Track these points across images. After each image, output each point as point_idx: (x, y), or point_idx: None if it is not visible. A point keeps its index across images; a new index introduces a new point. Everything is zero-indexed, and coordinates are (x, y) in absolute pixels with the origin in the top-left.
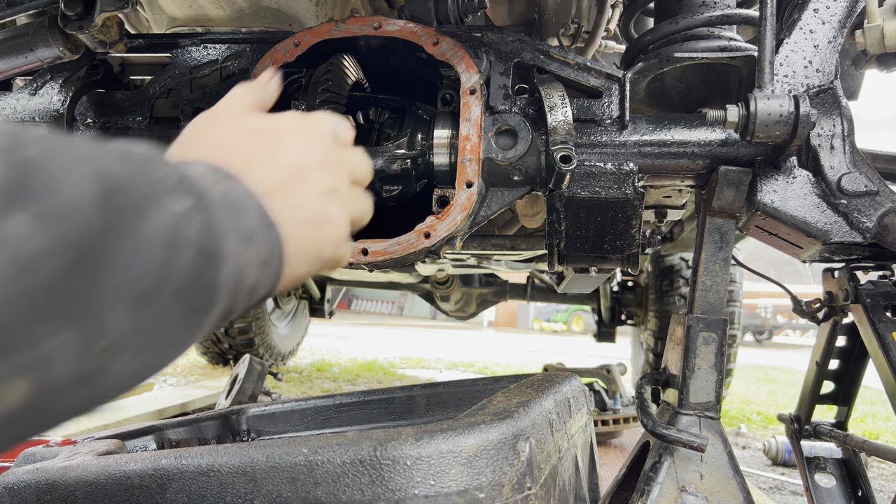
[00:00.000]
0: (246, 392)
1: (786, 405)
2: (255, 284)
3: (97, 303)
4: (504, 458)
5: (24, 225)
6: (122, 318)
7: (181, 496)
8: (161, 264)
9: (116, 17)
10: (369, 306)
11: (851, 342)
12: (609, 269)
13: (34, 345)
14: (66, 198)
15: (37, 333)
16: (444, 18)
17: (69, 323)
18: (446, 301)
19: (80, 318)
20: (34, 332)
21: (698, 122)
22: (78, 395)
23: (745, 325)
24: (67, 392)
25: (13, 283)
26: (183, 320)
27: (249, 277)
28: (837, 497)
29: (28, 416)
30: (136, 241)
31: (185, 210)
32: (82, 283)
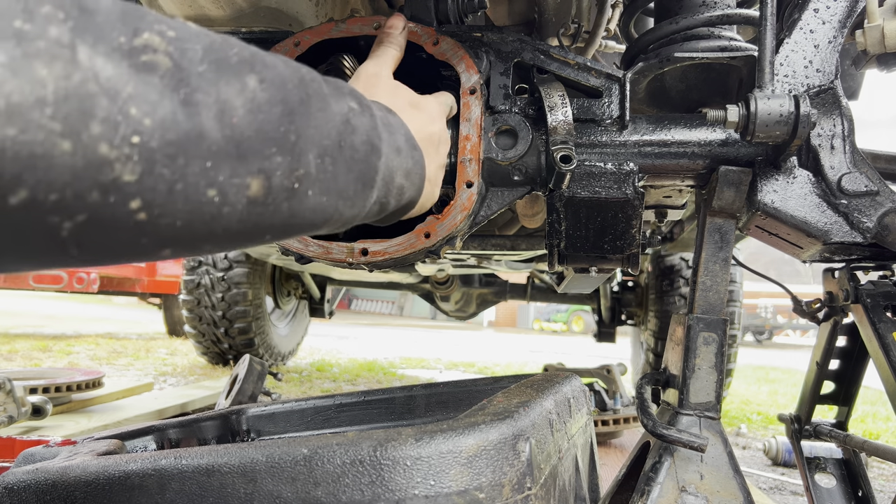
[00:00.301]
0: (246, 392)
1: (786, 405)
2: (401, 186)
3: (296, 144)
4: (504, 458)
5: (254, 82)
6: (311, 160)
7: (181, 496)
8: (338, 134)
9: None
10: (369, 306)
11: (852, 342)
12: (609, 269)
13: (262, 159)
14: (279, 73)
15: (264, 151)
16: (444, 18)
17: (280, 151)
18: (446, 301)
19: (287, 149)
20: (262, 150)
21: (698, 122)
22: (286, 205)
23: (746, 326)
24: (280, 198)
25: (250, 117)
26: (353, 183)
27: (397, 178)
28: (838, 497)
29: (262, 206)
30: (324, 113)
31: (357, 108)
32: (288, 128)
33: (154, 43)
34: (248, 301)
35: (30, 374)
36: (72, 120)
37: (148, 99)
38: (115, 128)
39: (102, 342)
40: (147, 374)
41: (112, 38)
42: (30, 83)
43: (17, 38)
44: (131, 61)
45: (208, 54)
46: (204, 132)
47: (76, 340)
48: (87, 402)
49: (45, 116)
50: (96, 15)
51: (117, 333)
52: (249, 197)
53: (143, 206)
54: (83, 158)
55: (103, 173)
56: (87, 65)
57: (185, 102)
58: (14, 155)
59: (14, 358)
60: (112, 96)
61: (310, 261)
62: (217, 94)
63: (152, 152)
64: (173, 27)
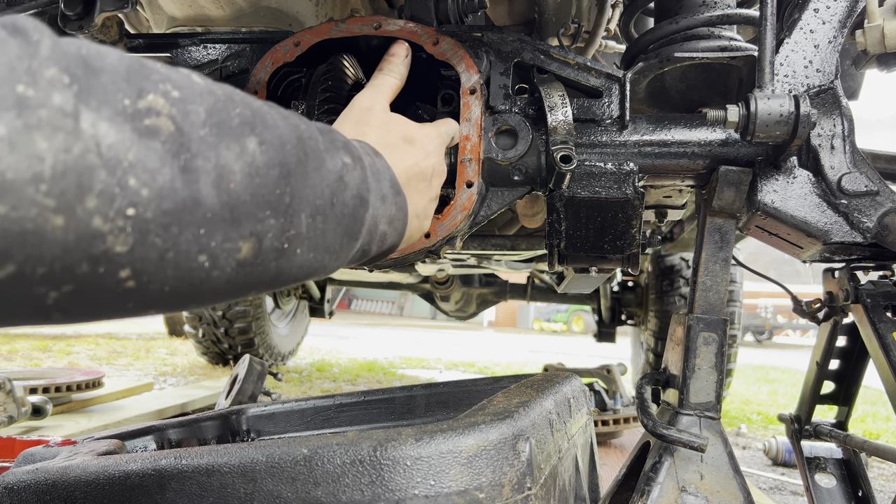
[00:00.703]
0: (246, 392)
1: (786, 405)
2: (384, 233)
3: (291, 205)
4: (504, 458)
5: (253, 145)
6: (303, 220)
7: (181, 496)
8: (331, 192)
9: (116, 16)
10: (369, 306)
11: (852, 342)
12: (609, 269)
13: (255, 222)
14: (279, 133)
15: (258, 215)
16: (444, 18)
17: (273, 213)
18: (446, 301)
19: (280, 211)
20: (256, 213)
21: (698, 122)
22: (274, 264)
23: (746, 326)
24: (269, 259)
25: (247, 181)
26: (339, 237)
27: (381, 226)
28: (838, 497)
29: (251, 268)
30: (318, 172)
31: (349, 163)
32: (283, 190)
33: (158, 105)
34: (248, 301)
35: (30, 374)
36: (68, 195)
37: (147, 167)
38: (112, 201)
39: (102, 342)
40: (147, 374)
41: (116, 101)
42: (27, 158)
43: (18, 106)
44: (134, 125)
45: (211, 116)
46: (200, 199)
47: (76, 340)
48: (87, 402)
49: (39, 193)
50: (101, 74)
51: (117, 333)
52: (239, 260)
53: (132, 275)
54: (75, 232)
55: (94, 246)
56: (89, 133)
57: (184, 169)
58: (3, 232)
59: (14, 358)
60: (111, 168)
61: None
62: (216, 159)
63: (146, 223)
64: (178, 86)
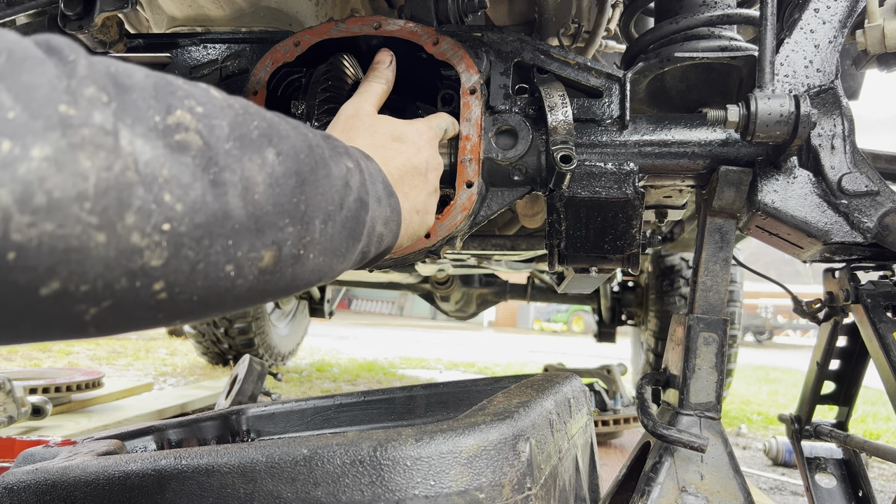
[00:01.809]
0: (246, 392)
1: (786, 405)
2: (381, 234)
3: (306, 213)
4: (504, 458)
5: (272, 156)
6: (317, 226)
7: (181, 496)
8: (340, 196)
9: (116, 16)
10: (369, 306)
11: (852, 342)
12: (609, 269)
13: (276, 230)
14: (293, 144)
15: (278, 223)
16: (444, 18)
17: (291, 221)
18: (446, 301)
19: (297, 219)
20: (277, 222)
21: (699, 122)
22: (290, 271)
23: (746, 326)
24: (287, 266)
25: (269, 191)
26: (346, 241)
27: (378, 227)
28: (838, 497)
29: (270, 275)
30: (328, 179)
31: (352, 167)
32: (300, 198)
33: (186, 121)
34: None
35: (30, 374)
36: (109, 212)
37: (181, 182)
38: (149, 217)
39: (102, 342)
40: (147, 374)
41: (148, 118)
42: (72, 177)
43: (62, 126)
44: (166, 141)
45: (234, 130)
46: (229, 212)
47: (76, 340)
48: (86, 402)
49: (84, 210)
50: (132, 92)
51: None
52: (261, 268)
53: (165, 287)
54: (116, 249)
55: (133, 261)
56: (127, 151)
57: (214, 183)
58: (50, 249)
59: (14, 358)
60: (148, 184)
61: None
62: (242, 171)
63: (180, 237)
64: (201, 101)
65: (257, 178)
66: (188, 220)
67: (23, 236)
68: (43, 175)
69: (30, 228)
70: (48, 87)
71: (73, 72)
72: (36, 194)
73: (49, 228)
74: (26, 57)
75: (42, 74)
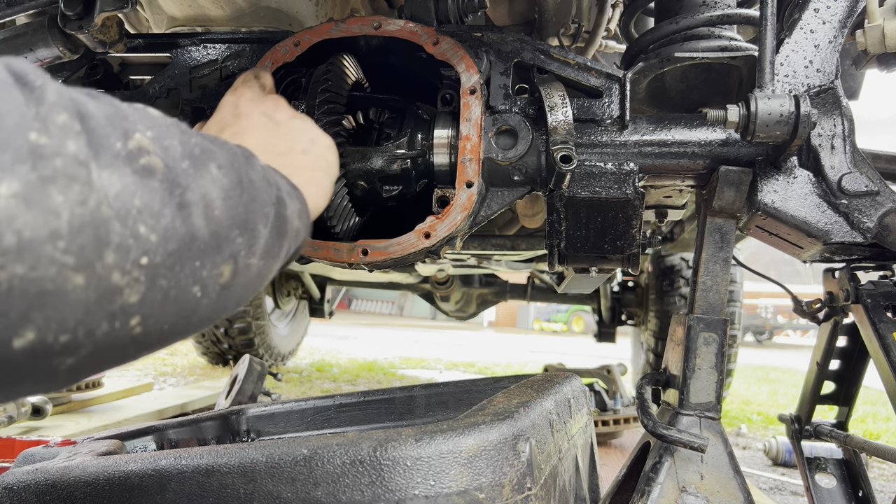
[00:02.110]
0: (246, 392)
1: (786, 405)
2: (298, 229)
3: (248, 220)
4: (504, 458)
5: (215, 169)
6: (260, 230)
7: (181, 496)
8: (269, 197)
9: (116, 16)
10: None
11: (852, 342)
12: (609, 269)
13: (231, 243)
14: (224, 155)
15: (230, 235)
16: (444, 18)
17: (241, 232)
18: (446, 301)
19: (246, 228)
20: (230, 234)
21: (699, 122)
22: (242, 280)
23: (746, 326)
24: (240, 277)
25: (223, 205)
26: (277, 240)
27: (294, 222)
28: (838, 497)
29: (228, 290)
30: (258, 183)
31: (266, 165)
32: (245, 207)
33: (145, 144)
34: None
35: None
36: (87, 251)
37: (153, 210)
38: (128, 252)
39: None
40: (147, 374)
41: (111, 145)
42: (44, 214)
43: (33, 157)
44: (133, 167)
45: (183, 147)
46: (195, 233)
47: None
48: (86, 402)
49: (57, 250)
50: (92, 119)
51: None
52: (221, 284)
53: (140, 321)
54: (96, 291)
55: (113, 302)
56: (99, 184)
57: (180, 206)
58: (22, 293)
59: None
60: (123, 217)
61: (310, 261)
62: (200, 189)
63: (156, 268)
64: (147, 123)
65: (213, 193)
66: (162, 249)
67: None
68: (12, 213)
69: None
70: (17, 115)
71: (42, 98)
72: (4, 234)
73: (20, 271)
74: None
75: (11, 101)
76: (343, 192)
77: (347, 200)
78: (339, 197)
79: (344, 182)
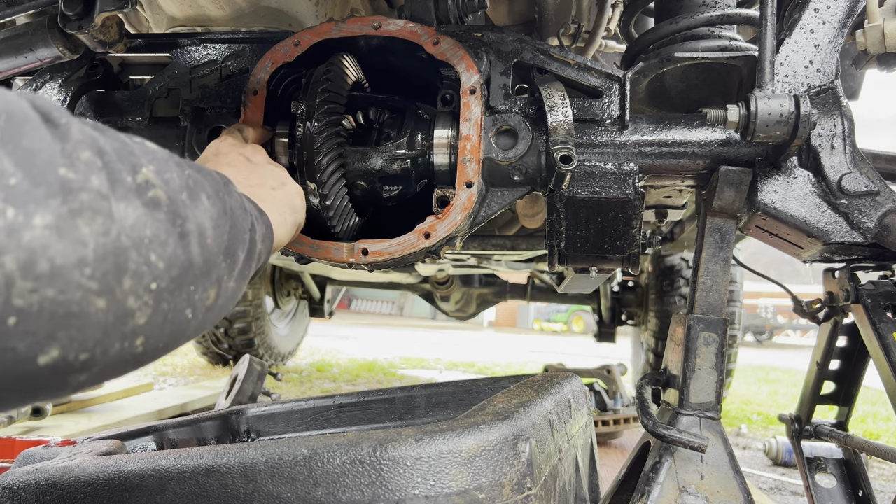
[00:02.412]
0: (246, 392)
1: (786, 405)
2: (260, 252)
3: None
4: (504, 458)
5: (206, 200)
6: (239, 255)
7: (181, 496)
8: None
9: (116, 16)
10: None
11: (852, 342)
12: (609, 269)
13: (217, 268)
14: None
15: (216, 260)
16: (444, 18)
17: (225, 257)
18: (446, 301)
19: (229, 253)
20: (216, 259)
21: (699, 122)
22: (221, 302)
23: (746, 326)
24: (221, 299)
25: (214, 233)
26: (248, 263)
27: (259, 244)
28: (838, 497)
29: (211, 311)
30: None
31: (240, 193)
32: (229, 234)
33: (151, 178)
34: (248, 301)
35: None
36: (109, 278)
37: (160, 240)
38: (142, 279)
39: None
40: (147, 374)
41: (124, 179)
42: (73, 244)
43: (63, 192)
44: (143, 200)
45: (181, 180)
46: (192, 259)
47: None
48: (86, 402)
49: (84, 276)
50: (106, 154)
51: None
52: (207, 306)
53: (144, 342)
54: (114, 314)
55: (127, 324)
56: (118, 215)
57: (181, 235)
58: (51, 314)
59: None
60: (138, 246)
61: (310, 261)
62: (196, 219)
63: (162, 293)
64: (149, 157)
65: (206, 223)
66: (167, 275)
67: (24, 302)
68: (46, 242)
69: (31, 294)
70: (47, 152)
71: (67, 135)
72: (39, 261)
73: (51, 294)
74: (25, 119)
75: (41, 139)
76: (343, 192)
77: (347, 200)
78: (339, 197)
79: (344, 182)
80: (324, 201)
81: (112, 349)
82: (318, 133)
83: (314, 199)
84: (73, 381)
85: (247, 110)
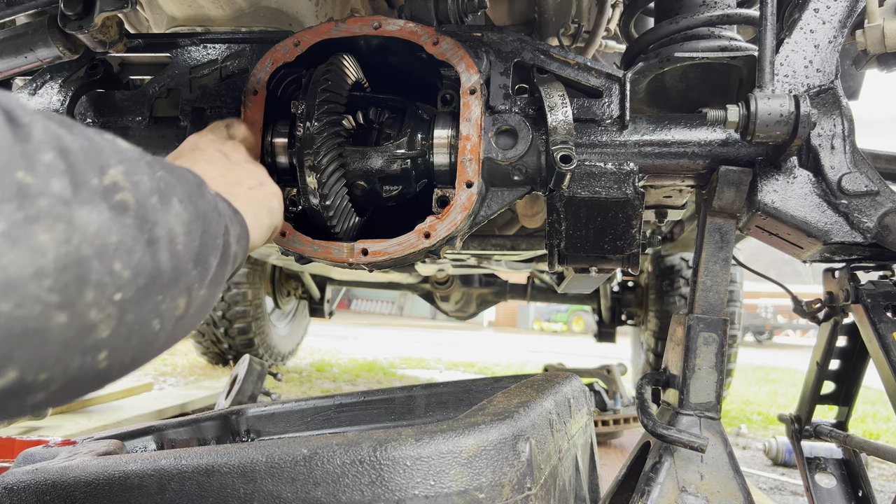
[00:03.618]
0: (245, 392)
1: (786, 405)
2: (236, 253)
3: (201, 253)
4: (504, 458)
5: (177, 204)
6: (211, 262)
7: (181, 496)
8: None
9: (116, 16)
10: (369, 306)
11: (852, 342)
12: (609, 269)
13: (187, 275)
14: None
15: (186, 268)
16: (444, 18)
17: (195, 264)
18: (446, 301)
19: (199, 261)
20: (186, 267)
21: (699, 122)
22: (193, 311)
23: (746, 326)
24: (192, 308)
25: (185, 239)
26: (222, 269)
27: (233, 246)
28: (838, 497)
29: (182, 321)
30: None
31: (213, 194)
32: (201, 240)
33: (118, 180)
34: (248, 301)
35: None
36: (70, 290)
37: (126, 247)
38: (104, 290)
39: None
40: (147, 374)
41: (89, 181)
42: (29, 253)
43: (19, 196)
44: (109, 204)
45: (151, 182)
46: (160, 267)
47: None
48: (86, 402)
49: (42, 289)
50: (71, 153)
51: None
52: (177, 316)
53: (107, 356)
54: (76, 328)
55: (88, 338)
56: (79, 221)
57: (149, 241)
58: (6, 333)
59: None
60: (101, 255)
61: (310, 261)
62: (166, 224)
63: (126, 303)
64: (120, 157)
65: (176, 228)
66: (133, 285)
67: None
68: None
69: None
70: (5, 155)
71: (29, 136)
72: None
73: (6, 309)
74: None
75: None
76: (343, 192)
77: (347, 200)
78: (339, 197)
79: (344, 182)
80: (324, 201)
81: (72, 365)
82: (317, 133)
83: (314, 199)
84: (31, 401)
85: (247, 110)
